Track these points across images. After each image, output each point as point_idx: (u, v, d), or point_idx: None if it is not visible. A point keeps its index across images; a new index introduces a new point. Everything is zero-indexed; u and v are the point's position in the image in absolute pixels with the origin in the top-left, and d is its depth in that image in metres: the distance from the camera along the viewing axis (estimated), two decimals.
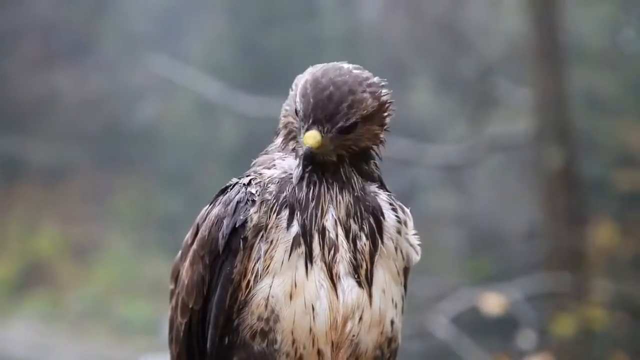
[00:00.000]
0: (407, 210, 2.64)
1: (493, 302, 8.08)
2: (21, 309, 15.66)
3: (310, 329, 2.46)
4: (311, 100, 2.51)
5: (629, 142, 11.35)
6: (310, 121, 2.50)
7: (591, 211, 10.34)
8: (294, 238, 2.48)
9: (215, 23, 16.68)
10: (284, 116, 2.64)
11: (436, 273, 10.71)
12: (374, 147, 2.62)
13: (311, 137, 2.50)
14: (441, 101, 13.67)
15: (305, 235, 2.48)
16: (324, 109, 2.49)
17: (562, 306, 8.96)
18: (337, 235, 2.50)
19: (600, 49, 12.14)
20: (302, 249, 2.48)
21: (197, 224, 2.63)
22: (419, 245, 2.64)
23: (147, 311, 15.47)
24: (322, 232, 2.49)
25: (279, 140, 2.64)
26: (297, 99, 2.53)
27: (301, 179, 2.52)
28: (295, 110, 2.55)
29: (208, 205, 2.64)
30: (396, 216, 2.59)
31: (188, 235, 2.66)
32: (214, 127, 16.28)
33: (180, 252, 2.69)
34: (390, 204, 2.60)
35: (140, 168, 16.79)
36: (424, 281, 8.79)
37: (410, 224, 2.63)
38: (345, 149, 2.55)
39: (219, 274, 2.52)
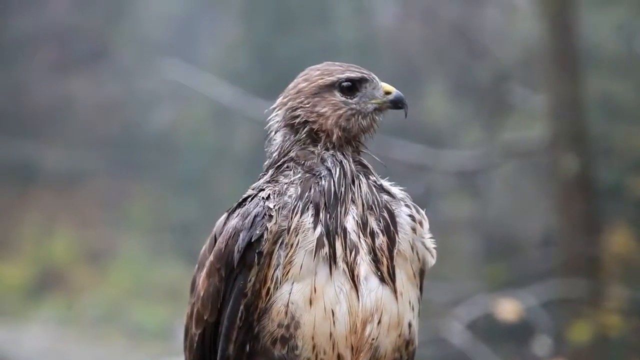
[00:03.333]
0: (422, 212, 2.65)
1: (508, 308, 8.06)
2: (36, 313, 15.70)
3: (331, 334, 2.46)
4: (355, 67, 2.66)
5: None
6: (376, 78, 2.66)
7: (606, 217, 10.30)
8: (318, 238, 2.48)
9: (230, 29, 16.71)
10: (292, 113, 2.67)
11: (451, 279, 10.69)
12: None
13: (390, 86, 2.67)
14: (456, 107, 13.65)
15: (329, 235, 2.48)
16: (372, 72, 2.68)
17: (578, 312, 8.92)
18: (358, 237, 2.50)
19: (616, 54, 12.10)
20: (326, 249, 2.48)
21: (214, 235, 2.63)
22: (434, 248, 2.65)
23: (161, 316, 15.48)
24: (344, 233, 2.49)
25: (279, 139, 2.68)
26: (338, 75, 2.63)
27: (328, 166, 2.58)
28: (351, 85, 2.63)
29: (225, 215, 2.63)
30: (410, 215, 2.60)
31: (205, 247, 2.66)
32: (229, 132, 16.30)
33: (197, 263, 2.69)
34: (404, 202, 2.61)
35: (155, 173, 16.82)
36: (440, 287, 8.77)
37: (426, 225, 2.63)
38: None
39: (232, 287, 2.53)
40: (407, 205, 2.61)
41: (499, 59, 11.98)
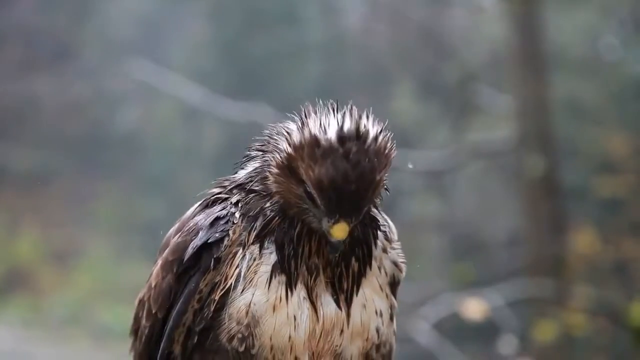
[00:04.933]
0: (394, 228, 2.60)
1: (474, 308, 8.10)
2: (1, 314, 15.58)
3: (290, 337, 2.42)
4: (336, 197, 2.30)
5: (610, 149, 11.41)
6: (338, 215, 2.31)
7: (572, 218, 10.38)
8: (274, 265, 2.42)
9: (197, 28, 16.68)
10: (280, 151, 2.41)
11: (418, 278, 10.73)
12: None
13: (341, 230, 2.34)
14: (424, 107, 13.70)
15: (283, 263, 2.41)
16: (350, 204, 2.31)
17: (543, 312, 8.99)
18: (318, 262, 2.44)
19: (581, 56, 12.19)
20: (283, 277, 2.42)
21: (183, 221, 2.57)
22: (402, 262, 2.61)
23: (128, 316, 15.38)
24: (303, 258, 2.43)
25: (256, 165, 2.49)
26: (317, 193, 2.32)
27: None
28: (311, 197, 2.34)
29: (199, 206, 2.57)
30: (385, 236, 2.55)
31: (174, 229, 2.60)
32: (197, 132, 16.26)
33: (163, 243, 2.62)
34: (383, 226, 2.56)
35: (122, 173, 16.75)
36: (406, 286, 8.78)
37: (395, 238, 2.59)
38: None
39: (184, 288, 2.46)
40: (383, 228, 2.54)
41: (465, 61, 12.04)
